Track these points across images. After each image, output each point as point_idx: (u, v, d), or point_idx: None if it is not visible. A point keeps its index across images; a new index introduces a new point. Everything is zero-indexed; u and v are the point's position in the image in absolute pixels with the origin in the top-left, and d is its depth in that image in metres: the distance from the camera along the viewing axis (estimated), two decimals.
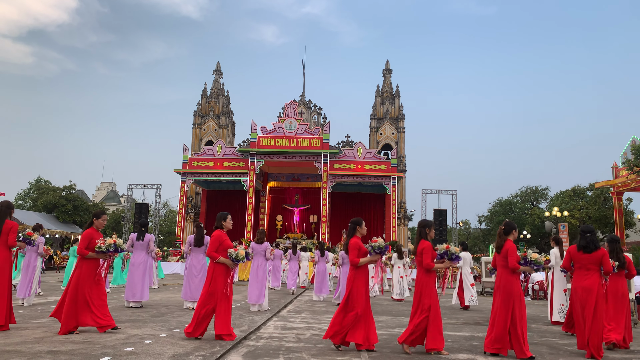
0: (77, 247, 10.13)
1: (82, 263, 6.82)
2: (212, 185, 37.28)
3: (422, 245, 6.22)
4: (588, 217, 39.26)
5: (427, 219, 6.53)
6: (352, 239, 6.41)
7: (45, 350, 5.45)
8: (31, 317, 8.32)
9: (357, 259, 6.21)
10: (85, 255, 6.78)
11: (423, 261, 6.14)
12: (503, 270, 6.24)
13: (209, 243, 10.46)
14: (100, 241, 6.81)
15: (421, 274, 6.22)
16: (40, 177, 48.91)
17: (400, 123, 40.64)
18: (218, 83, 44.71)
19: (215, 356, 5.43)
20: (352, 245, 6.30)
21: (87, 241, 6.83)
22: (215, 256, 6.58)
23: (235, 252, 6.62)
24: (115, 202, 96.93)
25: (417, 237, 6.43)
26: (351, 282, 6.26)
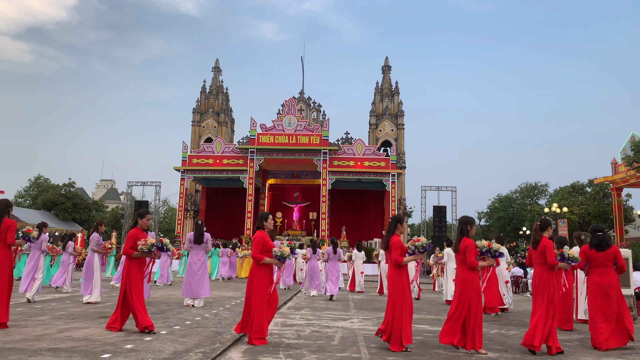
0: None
1: (129, 263, 6.75)
2: (212, 182, 37.28)
3: (465, 242, 6.09)
4: (587, 213, 39.32)
5: (468, 216, 6.35)
6: (393, 236, 6.22)
7: (46, 348, 5.46)
8: (31, 314, 8.33)
9: (400, 257, 6.05)
10: (130, 255, 6.71)
11: (467, 259, 6.00)
12: (542, 267, 6.23)
13: (208, 240, 10.59)
14: (142, 242, 6.71)
15: (465, 272, 6.06)
16: (39, 175, 48.90)
17: (400, 120, 40.63)
18: (217, 80, 44.65)
19: (215, 353, 5.44)
20: (395, 244, 6.11)
21: (132, 241, 6.75)
22: (261, 257, 6.35)
23: (280, 251, 6.42)
24: (114, 199, 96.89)
25: (458, 235, 6.30)
26: (394, 281, 6.09)
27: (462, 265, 6.13)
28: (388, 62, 43.46)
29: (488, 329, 8.07)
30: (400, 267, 6.10)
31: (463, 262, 6.10)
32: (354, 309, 10.72)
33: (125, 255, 6.81)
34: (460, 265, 6.19)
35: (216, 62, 45.30)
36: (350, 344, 6.34)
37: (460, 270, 6.17)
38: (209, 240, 10.60)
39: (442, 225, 34.80)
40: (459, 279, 6.14)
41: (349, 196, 38.05)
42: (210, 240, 10.80)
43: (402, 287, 6.04)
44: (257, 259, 6.37)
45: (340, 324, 8.23)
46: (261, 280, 6.36)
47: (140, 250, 6.72)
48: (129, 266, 6.73)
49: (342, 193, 37.40)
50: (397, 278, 6.09)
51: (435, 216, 35.25)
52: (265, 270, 6.45)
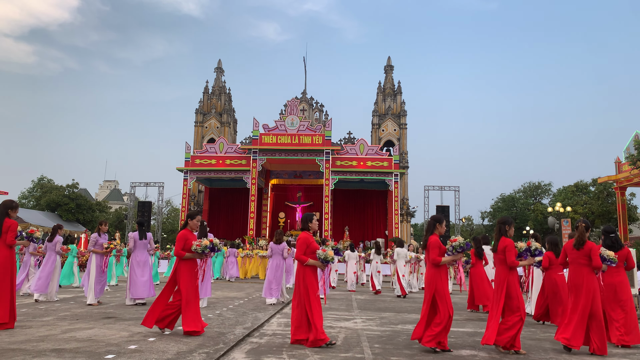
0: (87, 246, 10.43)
1: (180, 265, 6.65)
2: (215, 183, 37.33)
3: (504, 242, 6.04)
4: (591, 213, 39.21)
5: (506, 216, 6.35)
6: (431, 236, 6.14)
7: (50, 349, 5.47)
8: (35, 315, 8.36)
9: (439, 257, 5.99)
10: (182, 256, 6.62)
11: (507, 259, 5.94)
12: (585, 268, 6.27)
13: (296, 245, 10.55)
14: (197, 242, 6.64)
15: (505, 272, 6.00)
16: (43, 175, 49.08)
17: (402, 119, 40.60)
18: (220, 81, 44.71)
19: (218, 353, 5.45)
20: (433, 244, 6.04)
21: (182, 242, 6.67)
22: (305, 259, 6.27)
23: (324, 253, 6.32)
24: (118, 200, 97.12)
25: (496, 235, 6.22)
26: (434, 282, 5.99)
27: (502, 265, 6.07)
28: (390, 62, 43.43)
29: None
30: (439, 267, 6.04)
31: (502, 262, 6.05)
32: (357, 309, 10.71)
33: (177, 257, 6.68)
34: (499, 266, 6.12)
35: (218, 62, 45.37)
36: (353, 344, 6.33)
37: (500, 270, 6.10)
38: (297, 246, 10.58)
39: (445, 225, 34.75)
40: (499, 279, 6.06)
41: (351, 196, 38.04)
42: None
43: (442, 288, 5.97)
44: (301, 261, 6.29)
45: (344, 324, 8.23)
46: (311, 281, 6.25)
47: (194, 252, 6.62)
48: (180, 268, 6.61)
49: (344, 193, 37.39)
50: (436, 278, 6.00)
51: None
52: (314, 272, 6.35)
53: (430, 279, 6.06)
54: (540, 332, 7.97)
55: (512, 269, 6.01)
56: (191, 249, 6.64)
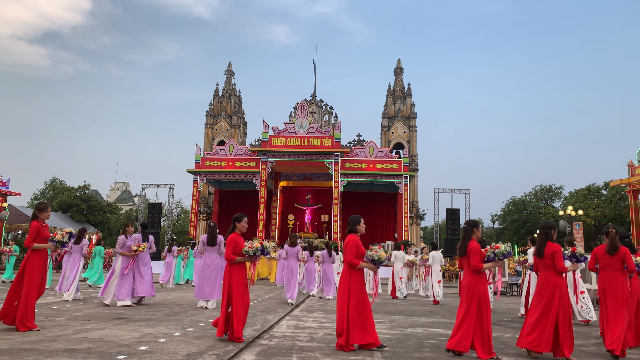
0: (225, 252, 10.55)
1: (231, 269, 6.55)
2: (225, 184, 37.47)
3: (552, 247, 5.99)
4: (603, 216, 38.80)
5: (549, 221, 6.32)
6: (471, 242, 6.08)
7: (62, 349, 5.52)
8: (48, 315, 8.44)
9: (480, 264, 5.93)
10: (233, 260, 6.51)
11: (557, 265, 5.90)
12: (618, 272, 6.30)
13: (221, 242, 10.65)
14: (248, 244, 6.60)
15: (553, 277, 5.94)
16: (55, 177, 49.63)
17: (412, 122, 40.47)
18: (230, 83, 44.91)
19: (228, 355, 5.46)
20: (475, 250, 5.97)
21: (232, 246, 6.56)
22: (356, 262, 6.12)
23: (376, 255, 6.23)
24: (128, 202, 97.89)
25: (542, 239, 6.15)
26: (472, 288, 5.92)
27: (549, 271, 5.99)
28: (400, 64, 43.34)
29: (502, 333, 7.99)
30: (480, 274, 5.98)
31: (549, 267, 5.98)
32: None
33: (227, 261, 6.59)
34: (547, 271, 6.03)
35: (229, 65, 45.57)
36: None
37: (548, 275, 6.01)
38: (221, 242, 10.63)
39: (455, 228, 34.58)
40: (547, 284, 5.97)
41: (361, 198, 37.97)
42: (223, 242, 10.83)
43: (484, 295, 5.91)
44: (352, 264, 6.14)
45: None
46: (358, 284, 6.17)
47: (245, 254, 6.54)
48: (231, 272, 6.52)
49: (354, 195, 37.33)
50: (477, 285, 5.93)
51: (448, 219, 35.04)
52: (361, 275, 6.27)
53: (470, 285, 5.96)
54: None
55: (561, 274, 5.98)
56: (242, 251, 6.52)
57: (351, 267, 6.17)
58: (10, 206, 33.03)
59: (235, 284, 6.45)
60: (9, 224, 32.88)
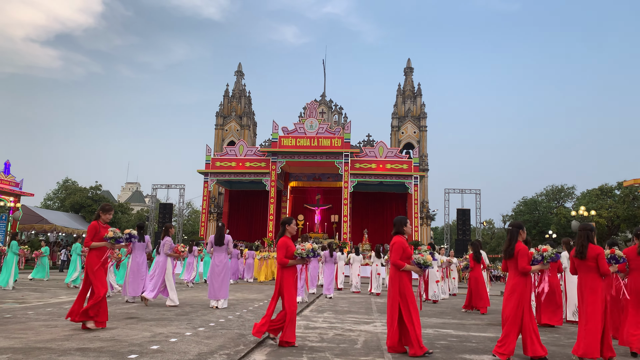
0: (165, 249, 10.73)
1: (283, 272, 6.44)
2: (235, 185, 37.61)
3: (595, 250, 5.98)
4: (616, 217, 38.37)
5: (590, 223, 6.35)
6: (518, 243, 6.04)
7: (75, 348, 5.57)
8: (61, 315, 8.52)
9: (529, 266, 5.95)
10: (286, 264, 6.39)
11: (600, 268, 5.90)
12: None
13: (229, 242, 10.71)
14: (301, 247, 6.51)
15: (596, 280, 5.94)
16: (68, 178, 50.08)
17: (422, 122, 40.33)
18: (240, 84, 45.09)
19: (239, 355, 5.48)
20: (523, 251, 5.96)
21: (284, 250, 6.44)
22: (402, 264, 6.03)
23: (422, 258, 6.16)
24: (139, 202, 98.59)
25: (583, 241, 6.11)
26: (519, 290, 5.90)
27: (592, 273, 5.97)
28: (410, 64, 43.21)
29: None
30: (527, 276, 5.97)
31: (592, 269, 5.96)
32: (377, 313, 10.66)
33: (280, 264, 6.46)
34: (591, 274, 6.00)
35: (239, 66, 45.75)
36: (373, 348, 6.30)
37: (590, 278, 5.98)
38: (229, 242, 10.70)
39: (466, 229, 34.41)
40: (592, 286, 5.94)
41: (370, 199, 37.90)
42: (232, 242, 10.89)
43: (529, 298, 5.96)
44: (398, 266, 6.06)
45: (363, 328, 8.19)
46: (409, 287, 6.10)
47: (298, 256, 6.44)
48: (283, 275, 6.40)
49: (364, 196, 37.28)
50: (523, 286, 5.92)
51: (459, 219, 34.88)
52: (409, 277, 6.19)
53: (517, 287, 5.93)
54: (564, 338, 7.82)
55: (604, 277, 5.98)
56: (295, 253, 6.43)
57: (397, 268, 6.09)
58: (24, 206, 33.42)
59: (286, 287, 6.35)
60: (22, 224, 33.26)
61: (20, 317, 8.01)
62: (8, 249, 14.97)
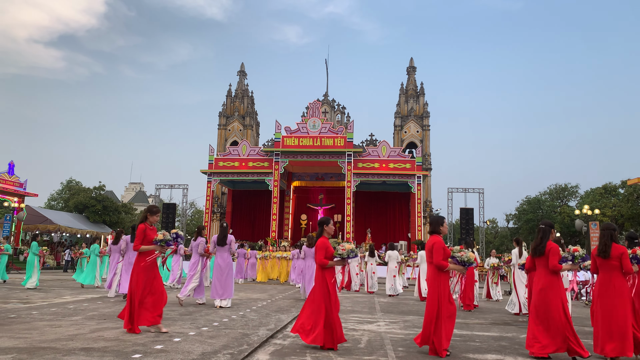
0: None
1: (323, 274, 6.37)
2: (238, 185, 37.65)
3: (619, 249, 6.04)
4: (620, 216, 38.22)
5: (612, 223, 6.42)
6: (549, 242, 6.09)
7: (79, 347, 5.59)
8: (65, 314, 8.56)
9: (560, 265, 6.02)
10: (326, 265, 6.32)
11: (624, 266, 5.96)
12: None
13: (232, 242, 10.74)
14: (341, 247, 6.44)
15: (620, 278, 6.00)
16: (71, 178, 50.24)
17: (425, 121, 40.25)
18: (242, 84, 45.11)
19: (243, 354, 5.49)
20: (554, 250, 6.02)
21: (324, 251, 6.39)
22: (445, 264, 6.02)
23: (465, 256, 6.14)
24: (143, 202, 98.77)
25: (607, 240, 6.15)
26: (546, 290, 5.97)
27: (616, 272, 6.01)
28: (413, 63, 43.15)
29: (518, 333, 7.92)
30: (557, 275, 6.02)
31: (615, 268, 6.00)
32: (380, 312, 10.66)
33: (320, 265, 6.38)
34: (614, 272, 6.04)
35: (241, 65, 45.78)
36: (377, 347, 6.30)
37: (614, 276, 6.02)
38: (232, 241, 10.76)
39: (470, 228, 34.33)
40: (615, 286, 5.99)
41: (374, 198, 37.87)
42: (234, 241, 10.95)
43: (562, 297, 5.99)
44: (441, 266, 5.99)
45: (367, 327, 8.19)
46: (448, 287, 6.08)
47: (339, 257, 6.37)
48: (323, 276, 6.32)
49: (367, 195, 37.26)
50: (556, 286, 5.96)
51: (462, 218, 34.80)
52: (447, 277, 6.17)
53: (551, 287, 5.96)
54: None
55: (628, 275, 6.04)
56: (336, 253, 6.36)
57: (440, 269, 6.02)
58: (28, 207, 33.54)
59: (324, 287, 6.27)
60: (26, 224, 33.39)
61: (24, 317, 8.05)
62: (29, 250, 15.61)
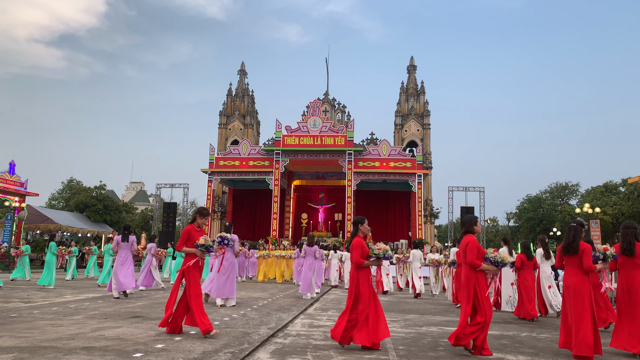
0: None
1: (358, 273, 6.30)
2: (238, 184, 37.66)
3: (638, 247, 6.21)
4: (621, 214, 38.22)
5: (633, 222, 6.50)
6: (583, 242, 6.13)
7: (80, 347, 5.60)
8: (66, 314, 8.57)
9: (594, 265, 6.08)
10: (362, 264, 6.27)
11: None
12: None
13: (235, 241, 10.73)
14: (377, 247, 6.40)
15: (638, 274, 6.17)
16: (72, 177, 50.25)
17: (426, 119, 40.24)
18: (243, 83, 45.10)
19: (243, 353, 5.49)
20: (588, 250, 6.07)
21: (360, 250, 6.34)
22: (479, 264, 5.98)
23: (499, 256, 6.13)
24: (144, 201, 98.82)
25: (630, 239, 6.26)
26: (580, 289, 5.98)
27: (637, 270, 6.17)
28: (413, 62, 43.12)
29: (518, 332, 7.92)
30: (589, 275, 6.08)
31: (637, 266, 6.16)
32: None
33: (356, 265, 6.33)
34: (638, 270, 6.18)
35: (242, 65, 45.76)
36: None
37: (634, 273, 6.19)
38: (235, 241, 10.75)
39: None
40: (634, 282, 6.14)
41: (374, 197, 37.88)
42: (237, 241, 10.95)
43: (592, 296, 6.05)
44: (475, 266, 5.99)
45: None
46: (485, 286, 6.07)
47: (375, 256, 6.35)
48: (359, 276, 6.26)
49: (367, 194, 37.27)
50: (588, 285, 6.01)
51: (462, 217, 34.80)
52: (485, 277, 6.14)
53: (584, 286, 5.99)
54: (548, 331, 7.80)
55: None
56: (371, 253, 6.30)
57: (473, 268, 6.02)
58: (29, 206, 33.56)
59: (362, 288, 6.21)
60: (27, 224, 33.41)
61: (26, 317, 8.06)
62: (47, 250, 16.13)
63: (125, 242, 12.37)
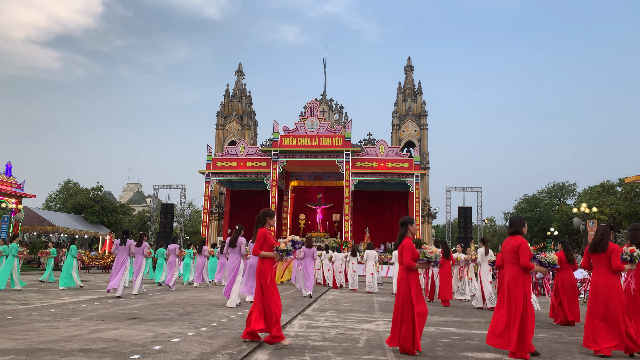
0: None
1: (408, 276, 6.17)
2: (236, 185, 37.65)
3: None
4: (618, 214, 38.31)
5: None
6: (611, 242, 6.31)
7: (77, 349, 5.58)
8: (63, 315, 8.54)
9: (622, 265, 6.20)
10: (413, 267, 6.16)
11: None
12: None
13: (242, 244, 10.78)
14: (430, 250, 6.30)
15: None
16: (69, 179, 50.17)
17: (423, 120, 40.31)
18: (240, 84, 45.09)
19: (241, 355, 5.49)
20: (617, 250, 6.21)
21: (410, 251, 6.20)
22: (531, 266, 6.03)
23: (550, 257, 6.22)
24: (141, 202, 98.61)
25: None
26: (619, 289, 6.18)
27: None
28: (410, 62, 43.19)
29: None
30: (616, 275, 6.21)
31: None
32: (379, 311, 10.67)
33: (407, 267, 6.17)
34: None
35: (239, 65, 45.76)
36: (375, 347, 6.31)
37: None
38: (242, 243, 10.86)
39: (468, 227, 34.39)
40: None
41: (372, 197, 37.91)
42: (244, 243, 10.97)
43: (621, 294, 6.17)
44: (528, 268, 6.06)
45: (366, 326, 8.20)
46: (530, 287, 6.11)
47: (426, 260, 6.23)
48: (409, 279, 6.11)
49: (365, 194, 37.29)
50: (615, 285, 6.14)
51: (460, 217, 34.87)
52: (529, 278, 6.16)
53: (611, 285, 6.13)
54: (566, 335, 7.82)
55: None
56: (423, 256, 6.20)
57: (526, 271, 6.02)
58: (25, 208, 33.48)
59: (414, 291, 6.07)
60: (24, 225, 33.34)
61: (23, 318, 8.03)
62: (67, 252, 16.38)
63: (123, 246, 12.77)
